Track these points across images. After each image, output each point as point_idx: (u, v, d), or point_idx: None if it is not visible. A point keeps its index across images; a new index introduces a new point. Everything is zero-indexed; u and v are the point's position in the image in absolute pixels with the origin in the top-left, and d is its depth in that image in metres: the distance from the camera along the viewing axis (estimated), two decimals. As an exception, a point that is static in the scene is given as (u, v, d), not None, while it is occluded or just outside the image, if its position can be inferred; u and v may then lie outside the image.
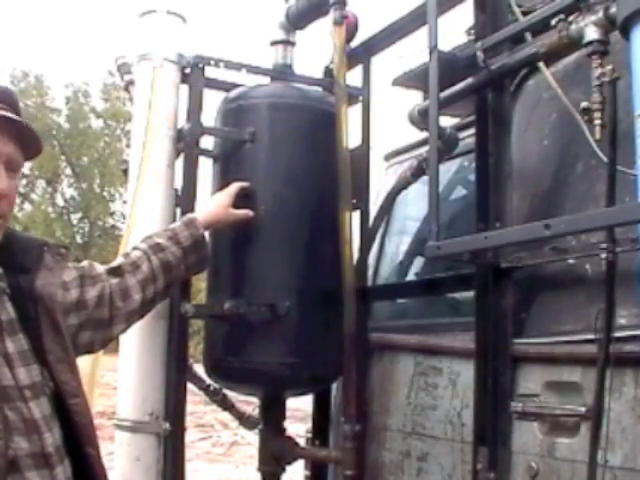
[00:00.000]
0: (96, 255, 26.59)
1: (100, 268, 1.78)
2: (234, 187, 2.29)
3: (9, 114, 1.40)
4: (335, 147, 2.35)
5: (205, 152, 2.59)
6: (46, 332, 1.45)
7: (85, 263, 1.76)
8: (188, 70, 2.55)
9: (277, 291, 2.41)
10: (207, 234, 2.21)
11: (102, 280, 1.74)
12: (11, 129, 1.41)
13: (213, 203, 2.27)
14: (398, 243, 3.07)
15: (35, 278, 1.46)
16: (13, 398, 1.34)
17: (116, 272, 1.81)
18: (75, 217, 31.09)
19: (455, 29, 2.62)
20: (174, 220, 2.52)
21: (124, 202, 21.70)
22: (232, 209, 2.24)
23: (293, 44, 2.72)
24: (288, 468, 2.56)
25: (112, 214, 29.37)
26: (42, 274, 1.48)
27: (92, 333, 1.70)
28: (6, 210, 1.42)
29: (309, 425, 2.89)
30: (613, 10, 1.65)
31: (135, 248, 1.96)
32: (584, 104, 1.72)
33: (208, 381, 2.75)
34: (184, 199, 2.51)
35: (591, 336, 1.74)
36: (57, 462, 1.38)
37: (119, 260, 1.87)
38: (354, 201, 2.45)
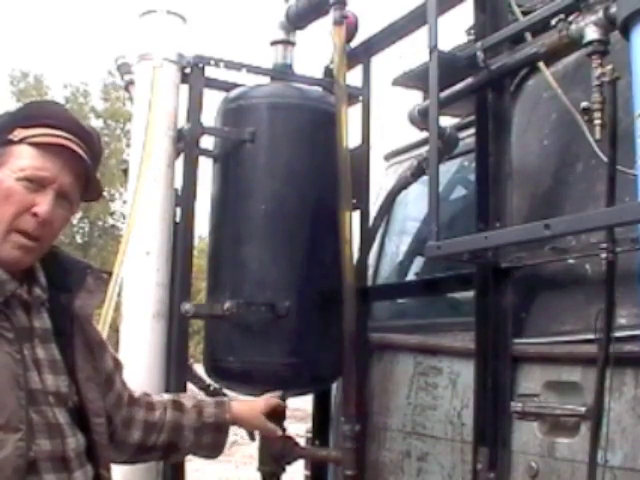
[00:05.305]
0: (96, 255, 26.55)
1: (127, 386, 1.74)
2: (274, 402, 2.09)
3: (80, 151, 1.43)
4: (335, 147, 2.35)
5: (205, 152, 2.59)
6: (78, 350, 1.47)
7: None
8: (188, 70, 2.55)
9: (277, 291, 2.41)
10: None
11: (124, 395, 1.70)
12: (77, 165, 1.43)
13: (251, 406, 2.07)
14: (398, 243, 3.06)
15: (75, 298, 1.49)
16: (39, 402, 1.35)
17: (130, 401, 1.73)
18: (75, 217, 31.09)
19: (455, 29, 2.62)
20: (174, 219, 2.53)
21: (124, 202, 21.67)
22: (264, 418, 2.04)
23: (293, 44, 2.72)
24: (288, 468, 2.55)
25: (112, 214, 29.28)
26: (82, 295, 1.50)
27: None
28: (45, 235, 1.42)
29: (309, 425, 2.89)
30: (613, 10, 1.65)
31: (160, 395, 1.92)
32: (584, 104, 1.72)
33: (208, 381, 2.75)
34: (184, 199, 2.51)
35: (591, 336, 1.74)
36: (76, 466, 1.38)
37: (139, 393, 1.80)
38: (354, 201, 2.45)
